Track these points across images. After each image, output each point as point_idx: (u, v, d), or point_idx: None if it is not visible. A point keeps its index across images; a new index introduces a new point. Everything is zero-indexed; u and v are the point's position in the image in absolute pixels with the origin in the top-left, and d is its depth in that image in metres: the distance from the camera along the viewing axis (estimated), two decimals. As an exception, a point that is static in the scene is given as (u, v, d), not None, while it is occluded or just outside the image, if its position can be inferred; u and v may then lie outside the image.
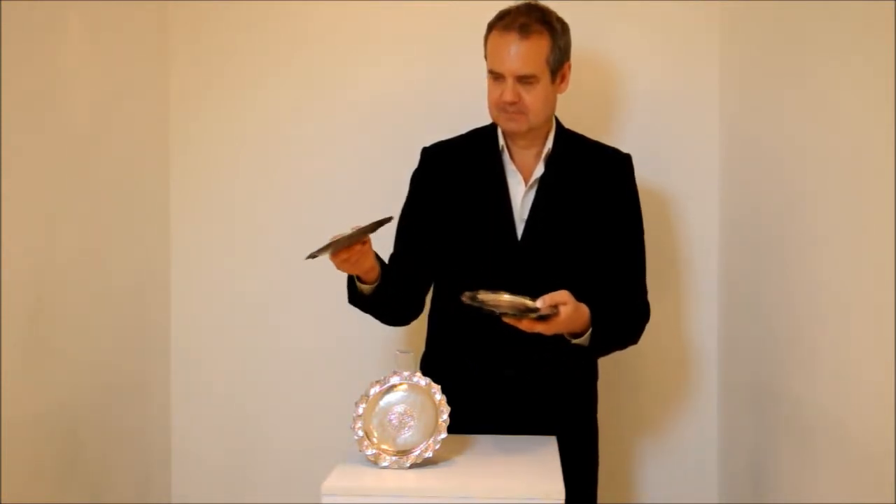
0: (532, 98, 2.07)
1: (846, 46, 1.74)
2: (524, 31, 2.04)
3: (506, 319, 1.91)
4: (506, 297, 1.94)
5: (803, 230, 1.94)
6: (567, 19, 2.12)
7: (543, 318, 1.91)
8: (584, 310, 1.99)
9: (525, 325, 1.92)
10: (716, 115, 2.58)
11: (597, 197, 2.16)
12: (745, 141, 2.39)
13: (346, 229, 1.88)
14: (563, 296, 1.93)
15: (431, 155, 2.23)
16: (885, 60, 1.53)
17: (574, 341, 2.03)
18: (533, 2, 2.12)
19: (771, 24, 2.18)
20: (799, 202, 1.97)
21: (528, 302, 1.92)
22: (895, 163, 1.50)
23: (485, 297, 1.92)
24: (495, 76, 2.08)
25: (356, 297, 2.10)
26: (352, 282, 2.08)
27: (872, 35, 1.60)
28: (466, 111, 2.33)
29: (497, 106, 2.09)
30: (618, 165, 2.20)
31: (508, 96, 2.05)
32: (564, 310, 1.92)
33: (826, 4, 1.83)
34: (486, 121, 2.22)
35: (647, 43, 2.59)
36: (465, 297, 1.89)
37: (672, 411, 2.64)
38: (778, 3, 2.13)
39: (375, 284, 2.04)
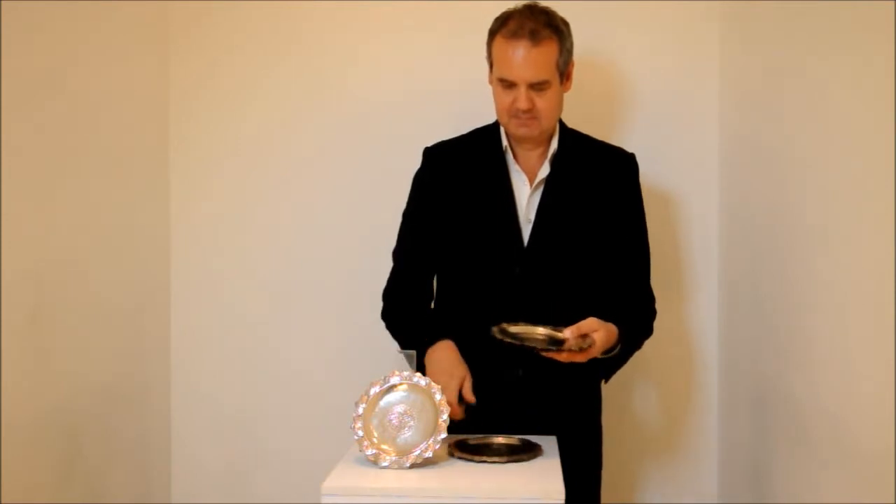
0: (545, 103, 2.06)
1: (846, 46, 1.74)
2: (535, 37, 2.02)
3: (544, 354, 1.93)
4: (540, 330, 1.97)
5: (803, 230, 1.94)
6: (567, 19, 2.12)
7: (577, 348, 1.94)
8: (613, 329, 2.00)
9: (564, 358, 1.92)
10: (716, 115, 2.58)
11: (602, 197, 2.16)
12: (745, 141, 2.39)
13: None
14: (592, 324, 1.94)
15: (434, 155, 2.22)
16: (885, 60, 1.53)
17: (603, 356, 2.03)
18: (532, 2, 2.12)
19: (771, 24, 2.18)
20: (799, 202, 1.97)
21: (556, 334, 1.94)
22: (895, 162, 1.50)
23: (516, 329, 1.96)
24: (506, 84, 2.06)
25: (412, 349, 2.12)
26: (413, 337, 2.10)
27: (872, 34, 1.60)
28: (467, 111, 2.33)
29: (509, 112, 2.07)
30: (622, 165, 2.20)
31: (523, 104, 2.04)
32: (598, 336, 1.93)
33: (826, 4, 1.83)
34: (486, 120, 2.22)
35: (647, 43, 2.59)
36: (496, 333, 1.93)
37: (672, 411, 2.64)
38: (778, 3, 2.13)
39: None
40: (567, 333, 1.92)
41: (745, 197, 2.38)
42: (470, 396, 2.01)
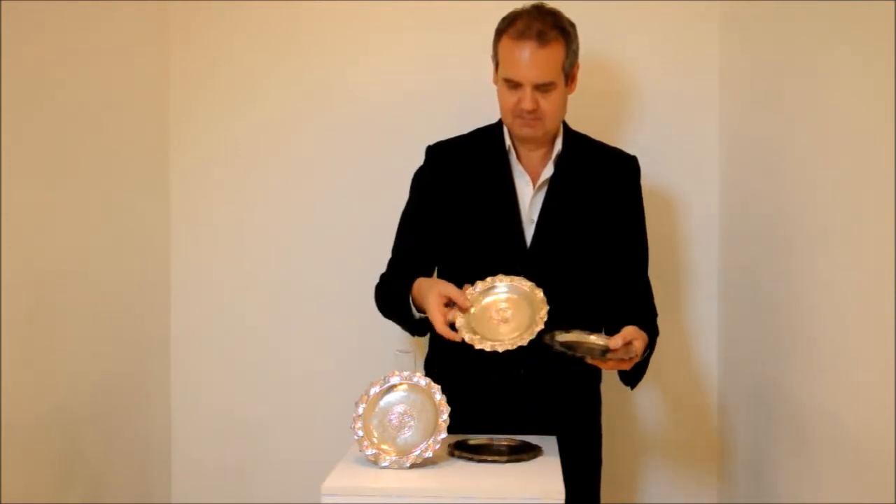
0: (549, 104, 2.06)
1: (846, 46, 1.74)
2: (542, 38, 2.02)
3: (590, 361, 1.94)
4: (591, 338, 1.99)
5: (803, 229, 1.94)
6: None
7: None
8: (646, 337, 2.00)
9: (611, 366, 1.94)
10: (716, 115, 2.58)
11: (604, 198, 2.16)
12: (745, 141, 2.39)
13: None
14: (633, 332, 1.95)
15: (437, 154, 2.21)
16: (885, 60, 1.53)
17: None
18: (540, 2, 2.12)
19: (771, 24, 2.18)
20: (799, 201, 1.97)
21: (606, 343, 1.95)
22: (895, 162, 1.50)
23: (564, 338, 1.97)
24: (512, 84, 2.06)
25: (406, 317, 2.10)
26: (406, 305, 2.07)
27: (872, 34, 1.60)
28: (467, 111, 2.33)
29: (513, 113, 2.08)
30: (625, 167, 2.20)
31: (528, 105, 2.04)
32: (638, 344, 1.94)
33: (826, 4, 1.83)
34: (488, 120, 2.22)
35: (647, 43, 2.59)
36: (546, 339, 1.93)
37: (672, 411, 2.64)
38: (778, 3, 2.13)
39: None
40: (617, 342, 1.93)
41: (745, 197, 2.38)
42: (464, 302, 1.95)
